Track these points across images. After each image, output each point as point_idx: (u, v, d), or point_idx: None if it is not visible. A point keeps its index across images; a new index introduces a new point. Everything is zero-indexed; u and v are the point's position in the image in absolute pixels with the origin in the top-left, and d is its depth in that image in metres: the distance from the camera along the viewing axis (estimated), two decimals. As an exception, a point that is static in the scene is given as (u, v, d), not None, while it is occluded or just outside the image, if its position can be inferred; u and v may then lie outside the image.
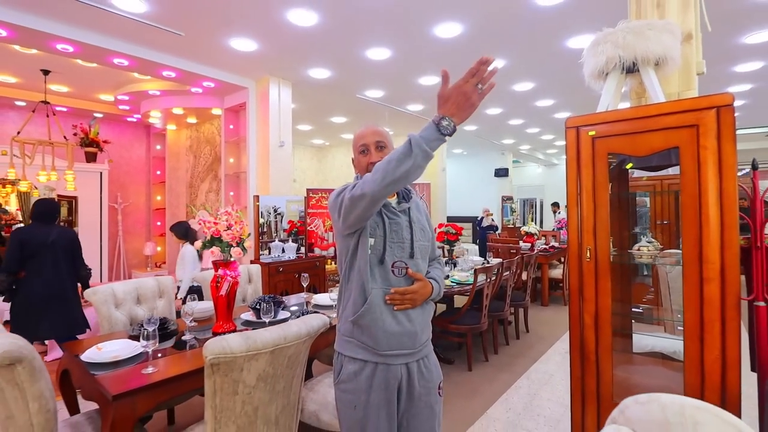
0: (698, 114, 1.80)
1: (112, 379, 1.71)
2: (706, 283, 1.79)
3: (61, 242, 3.18)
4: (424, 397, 1.41)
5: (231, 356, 1.43)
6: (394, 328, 1.35)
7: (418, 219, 1.49)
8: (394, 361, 1.36)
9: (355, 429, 1.37)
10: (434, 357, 1.51)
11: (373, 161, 1.41)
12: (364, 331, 1.36)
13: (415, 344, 1.39)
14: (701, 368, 1.81)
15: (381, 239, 1.37)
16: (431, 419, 1.43)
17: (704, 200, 1.79)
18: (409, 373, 1.39)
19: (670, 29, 2.00)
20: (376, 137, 1.46)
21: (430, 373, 1.45)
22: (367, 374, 1.36)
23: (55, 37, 3.65)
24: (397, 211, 1.44)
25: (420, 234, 1.47)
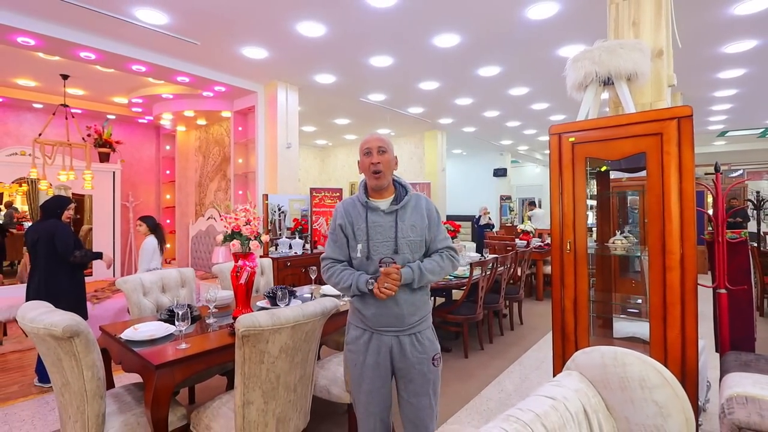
0: (662, 123, 2.06)
1: (152, 354, 1.98)
2: (668, 271, 2.05)
3: (45, 238, 3.19)
4: (417, 365, 1.69)
5: (259, 329, 1.69)
6: (381, 310, 1.67)
7: (409, 218, 1.71)
8: (385, 333, 1.69)
9: (356, 383, 1.74)
10: (430, 333, 1.76)
11: (374, 161, 1.69)
12: (360, 311, 1.72)
13: (402, 323, 1.68)
14: (664, 345, 2.07)
15: (365, 242, 1.68)
16: (425, 384, 1.71)
17: (667, 199, 2.06)
18: (400, 343, 1.69)
19: (639, 48, 2.26)
20: (379, 143, 1.72)
21: (423, 346, 1.71)
22: (365, 340, 1.71)
23: (79, 46, 3.91)
24: (384, 213, 1.70)
25: (408, 231, 1.70)
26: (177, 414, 2.05)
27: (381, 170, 1.69)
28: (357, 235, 1.71)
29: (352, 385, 1.77)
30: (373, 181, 1.71)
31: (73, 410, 1.87)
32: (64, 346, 1.78)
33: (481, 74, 4.89)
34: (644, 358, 1.03)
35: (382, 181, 1.71)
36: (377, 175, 1.70)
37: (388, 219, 1.70)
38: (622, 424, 1.02)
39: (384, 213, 1.70)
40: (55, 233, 3.20)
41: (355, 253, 1.72)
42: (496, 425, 0.83)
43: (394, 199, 1.75)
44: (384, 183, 1.72)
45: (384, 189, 1.74)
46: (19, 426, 2.72)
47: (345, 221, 1.74)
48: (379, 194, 1.75)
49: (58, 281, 3.22)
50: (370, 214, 1.71)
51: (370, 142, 1.72)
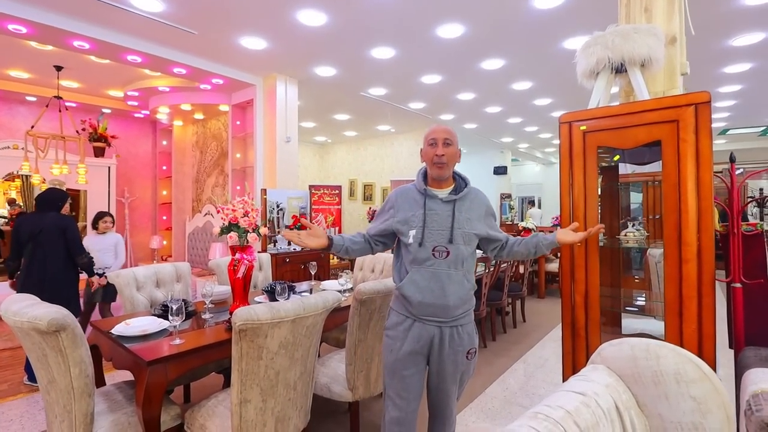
0: (678, 110, 1.98)
1: (144, 349, 1.88)
2: (684, 264, 1.96)
3: (52, 230, 3.14)
4: (452, 356, 1.69)
5: (258, 323, 1.60)
6: (428, 299, 1.64)
7: (467, 209, 1.72)
8: (428, 322, 1.67)
9: (390, 369, 1.73)
10: (471, 327, 1.76)
11: (438, 153, 1.68)
12: (406, 297, 1.68)
13: (447, 314, 1.66)
14: (680, 341, 1.98)
15: (420, 229, 1.67)
16: (454, 373, 1.72)
17: (683, 188, 1.97)
18: (441, 334, 1.67)
19: (654, 33, 2.17)
20: (445, 135, 1.71)
21: (461, 339, 1.70)
22: (405, 327, 1.69)
23: (73, 35, 3.80)
24: (442, 202, 1.70)
25: (464, 222, 1.69)
26: (170, 413, 1.96)
27: (445, 162, 1.70)
28: (411, 221, 1.69)
29: (386, 371, 1.76)
30: (436, 171, 1.71)
31: (59, 409, 1.77)
32: (50, 341, 1.68)
33: (485, 67, 4.80)
34: (679, 351, 0.95)
35: (444, 172, 1.71)
36: (440, 167, 1.70)
37: (446, 208, 1.70)
38: (655, 421, 0.94)
39: (442, 202, 1.70)
40: (67, 228, 3.16)
41: (407, 239, 1.69)
42: (524, 423, 0.74)
43: (453, 190, 1.75)
44: (445, 174, 1.73)
45: (444, 180, 1.74)
46: (6, 426, 2.62)
47: (395, 212, 1.76)
48: (438, 184, 1.75)
49: (63, 276, 3.19)
50: (429, 201, 1.71)
51: (436, 133, 1.71)
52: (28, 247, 3.13)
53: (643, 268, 4.16)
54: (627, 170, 3.52)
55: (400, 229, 1.72)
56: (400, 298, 1.72)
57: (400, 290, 1.70)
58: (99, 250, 3.79)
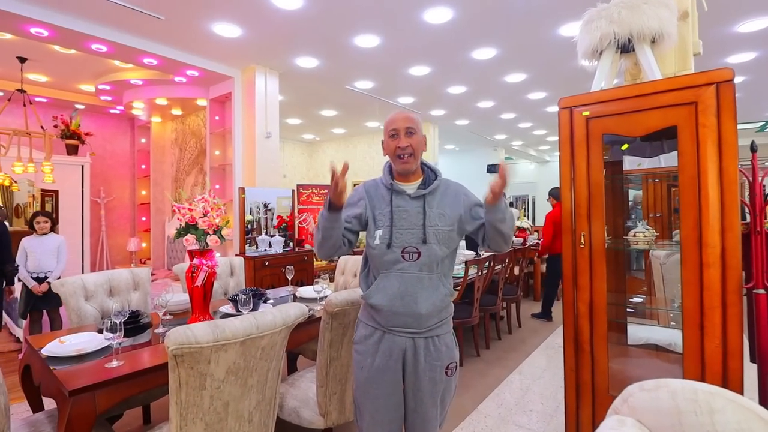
0: (697, 91, 1.71)
1: (70, 374, 1.58)
2: (706, 268, 1.70)
3: None
4: (429, 372, 1.47)
5: (196, 347, 1.30)
6: (397, 308, 1.44)
7: (438, 204, 1.50)
8: (399, 333, 1.47)
9: (362, 389, 1.51)
10: (449, 338, 1.53)
11: (401, 146, 1.47)
12: (373, 306, 1.49)
13: (420, 325, 1.46)
14: (701, 357, 1.72)
15: (388, 228, 1.47)
16: (433, 392, 1.49)
17: (703, 181, 1.71)
18: (415, 346, 1.47)
19: (666, 3, 1.91)
20: (407, 123, 1.49)
21: (439, 353, 1.48)
22: (375, 340, 1.49)
23: (28, 20, 3.48)
24: (410, 198, 1.49)
25: (437, 219, 1.48)
26: (108, 447, 1.66)
27: (410, 153, 1.49)
28: (378, 220, 1.50)
29: (357, 391, 1.55)
30: (400, 164, 1.50)
31: (-35, 449, 1.47)
32: (-53, 369, 1.37)
33: (475, 57, 4.53)
34: (741, 401, 0.67)
35: (409, 166, 1.50)
36: (404, 161, 1.49)
37: (415, 204, 1.49)
38: (710, 502, 0.66)
39: (410, 197, 1.50)
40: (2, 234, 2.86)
41: (373, 240, 1.49)
42: None
43: (422, 183, 1.54)
44: (412, 167, 1.51)
45: (411, 173, 1.53)
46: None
47: (367, 204, 1.54)
48: (405, 178, 1.54)
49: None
50: (396, 197, 1.51)
51: (396, 122, 1.50)
52: None
53: (645, 270, 3.91)
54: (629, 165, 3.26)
55: (369, 230, 1.52)
56: (368, 307, 1.53)
57: (367, 299, 1.50)
58: (39, 252, 3.47)
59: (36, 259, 3.47)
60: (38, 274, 3.48)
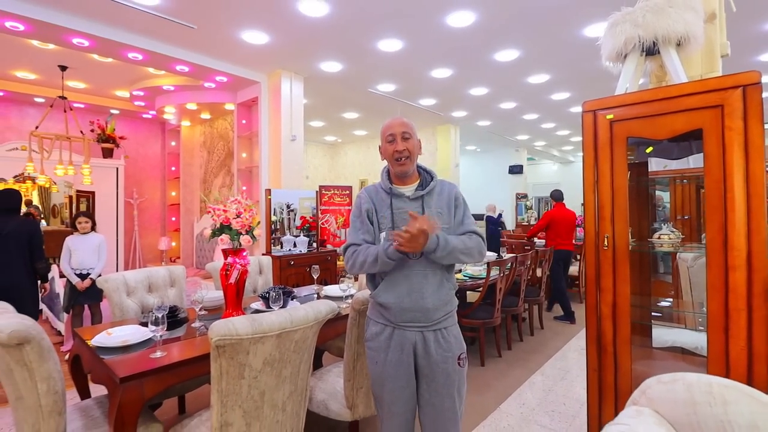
0: (723, 94, 1.72)
1: (120, 363, 1.71)
2: (731, 271, 1.70)
3: (17, 234, 3.10)
4: (441, 364, 1.55)
5: (237, 338, 1.40)
6: (406, 304, 1.53)
7: (436, 204, 1.60)
8: (408, 328, 1.56)
9: (378, 382, 1.61)
10: (456, 330, 1.63)
11: (398, 149, 1.57)
12: (382, 305, 1.57)
13: (428, 319, 1.55)
14: (726, 360, 1.72)
15: (389, 230, 1.56)
16: (449, 385, 1.57)
17: (729, 184, 1.71)
18: (424, 339, 1.55)
19: (692, 6, 1.91)
20: (403, 128, 1.59)
21: (448, 344, 1.57)
22: (386, 336, 1.58)
23: (71, 31, 3.70)
24: (409, 199, 1.60)
25: (436, 218, 1.55)
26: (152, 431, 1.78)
27: (407, 157, 1.59)
28: (381, 223, 1.61)
29: (374, 385, 1.65)
30: (398, 167, 1.60)
31: (28, 428, 1.61)
32: (14, 355, 1.52)
33: (498, 59, 4.55)
34: (755, 395, 0.72)
35: (406, 168, 1.61)
36: (401, 163, 1.60)
37: (414, 206, 1.60)
38: (724, 488, 0.71)
39: (409, 199, 1.61)
40: (33, 234, 3.08)
41: (378, 242, 1.60)
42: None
43: (419, 185, 1.64)
44: (409, 170, 1.62)
45: (408, 176, 1.64)
46: None
47: (371, 206, 1.64)
48: (402, 181, 1.65)
49: (27, 280, 3.16)
50: (395, 200, 1.61)
51: (393, 128, 1.60)
52: None
53: (672, 273, 3.85)
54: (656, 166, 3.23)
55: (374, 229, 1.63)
56: (377, 306, 1.62)
57: (375, 298, 1.60)
58: (82, 250, 3.68)
59: (78, 256, 3.68)
60: (81, 271, 3.69)
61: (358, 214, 1.66)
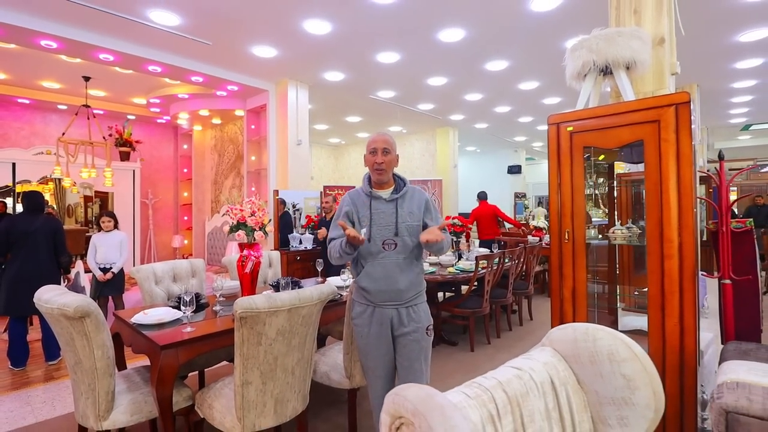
0: (659, 111, 2.05)
1: (159, 336, 2.07)
2: (666, 260, 2.03)
3: (43, 231, 3.52)
4: (413, 333, 1.90)
5: (256, 311, 1.76)
6: (382, 287, 1.88)
7: (407, 205, 1.94)
8: (386, 306, 1.90)
9: (364, 352, 1.95)
10: (425, 306, 1.98)
11: (378, 161, 1.91)
12: (365, 288, 1.92)
13: (401, 298, 1.90)
14: (662, 334, 2.06)
15: (369, 227, 1.90)
16: (418, 352, 1.92)
17: (665, 186, 2.04)
18: (399, 314, 1.91)
19: (638, 35, 2.24)
20: (384, 144, 1.92)
21: (418, 316, 1.93)
22: (368, 313, 1.93)
23: (99, 48, 4.09)
24: (386, 201, 1.93)
25: (407, 216, 1.93)
26: (183, 395, 2.14)
27: (384, 168, 1.92)
28: (362, 220, 1.93)
29: (361, 354, 1.98)
30: (376, 176, 1.94)
31: (84, 387, 1.98)
32: (76, 326, 1.88)
33: (489, 68, 4.88)
34: (615, 333, 1.05)
35: (383, 177, 1.94)
36: (380, 172, 1.93)
37: (389, 206, 1.93)
38: (592, 397, 1.04)
39: (385, 201, 1.93)
40: (57, 231, 3.49)
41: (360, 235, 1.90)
42: (459, 390, 0.87)
43: (394, 190, 1.97)
44: (385, 179, 1.95)
45: (385, 182, 1.97)
46: (40, 407, 2.88)
47: (351, 208, 1.98)
48: (380, 186, 1.98)
49: (53, 272, 3.58)
50: (374, 202, 1.94)
51: (376, 143, 1.93)
52: (16, 246, 3.45)
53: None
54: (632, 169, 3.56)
55: (356, 228, 1.92)
56: (359, 289, 1.95)
57: (358, 283, 1.94)
58: (105, 246, 4.07)
59: (102, 252, 4.07)
60: (104, 265, 4.08)
61: (339, 215, 2.00)
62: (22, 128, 6.43)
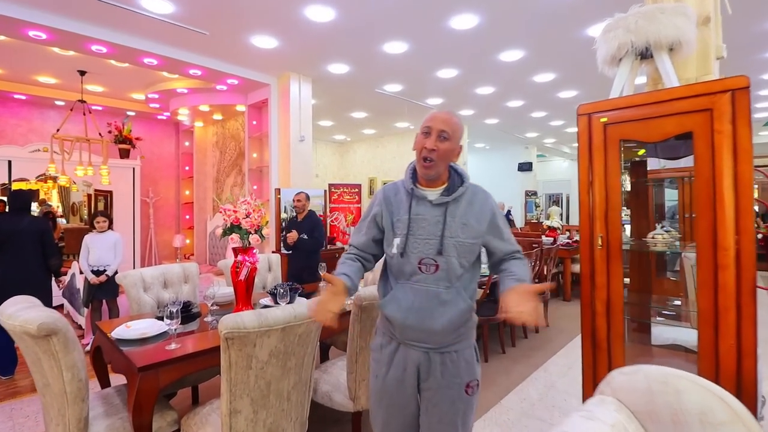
0: (712, 98, 1.76)
1: (138, 354, 1.84)
2: (720, 270, 1.75)
3: (29, 232, 3.29)
4: (446, 390, 1.39)
5: (244, 331, 1.52)
6: (411, 322, 1.37)
7: (462, 214, 1.39)
8: (414, 347, 1.41)
9: (375, 396, 1.49)
10: (470, 354, 1.44)
11: (428, 146, 1.36)
12: (388, 317, 1.44)
13: (435, 341, 1.38)
14: (715, 356, 1.78)
15: (404, 237, 1.39)
16: (452, 414, 1.40)
17: (719, 185, 1.76)
18: (429, 360, 1.39)
19: (683, 12, 1.95)
20: (443, 126, 1.38)
21: (457, 369, 1.40)
22: (390, 350, 1.45)
23: (90, 39, 3.87)
24: (432, 204, 1.40)
25: (458, 230, 1.37)
26: (167, 419, 1.91)
27: (434, 160, 1.37)
28: (396, 228, 1.42)
29: (372, 398, 1.52)
30: (422, 168, 1.40)
31: (54, 412, 1.75)
32: (42, 345, 1.65)
33: (503, 59, 4.59)
34: (705, 384, 0.79)
35: (430, 172, 1.39)
36: (427, 165, 1.38)
37: (436, 212, 1.39)
38: (675, 468, 0.79)
39: (431, 204, 1.40)
40: (45, 231, 3.29)
41: (390, 248, 1.42)
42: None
43: (445, 190, 1.42)
44: (432, 174, 1.40)
45: (435, 178, 1.43)
46: (22, 422, 2.67)
47: (383, 209, 1.47)
48: (427, 182, 1.44)
49: (41, 275, 3.36)
50: (415, 203, 1.41)
51: (433, 120, 1.39)
52: (4, 247, 3.23)
53: (680, 271, 3.87)
54: (660, 165, 3.26)
55: (387, 237, 1.46)
56: (383, 317, 1.48)
57: (382, 308, 1.45)
58: (99, 248, 3.86)
59: (96, 253, 3.86)
60: (98, 267, 3.87)
61: (366, 215, 1.54)
62: (19, 125, 6.25)
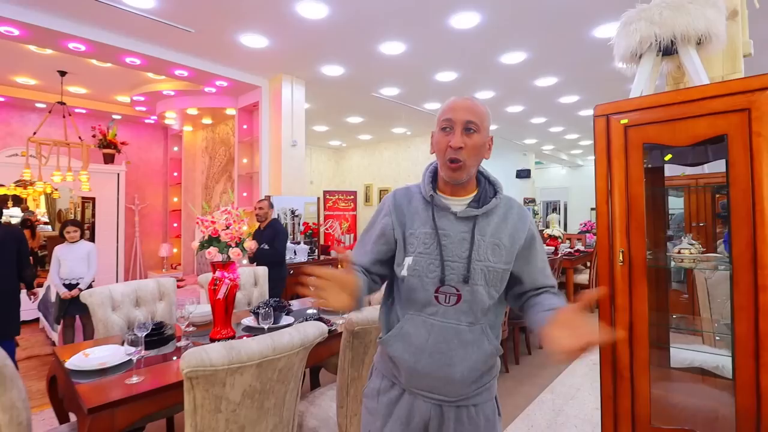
0: (750, 96, 1.56)
1: (92, 389, 1.58)
2: (761, 291, 1.53)
3: (8, 241, 3.06)
4: None
5: (211, 369, 1.27)
6: (424, 367, 1.07)
7: (494, 232, 1.09)
8: (424, 398, 1.10)
9: None
10: (491, 408, 1.16)
11: (454, 145, 1.04)
12: (392, 358, 1.12)
13: (452, 393, 1.08)
14: (756, 390, 1.55)
15: (421, 257, 1.08)
16: None
17: (758, 195, 1.55)
18: (442, 416, 1.09)
19: (713, 2, 1.76)
20: (468, 115, 1.05)
21: (475, 427, 1.10)
22: (391, 398, 1.13)
23: (66, 36, 3.63)
24: (456, 218, 1.09)
25: (489, 251, 1.07)
26: (128, 463, 1.65)
27: (463, 161, 1.06)
28: (409, 244, 1.10)
29: None
30: (448, 172, 1.08)
31: (-9, 461, 1.48)
32: (-26, 383, 1.39)
33: (504, 62, 4.40)
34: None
35: (460, 175, 1.08)
36: (454, 167, 1.06)
37: (461, 228, 1.08)
38: None
39: (456, 218, 1.09)
40: (22, 240, 3.00)
41: (400, 269, 1.10)
42: None
43: (474, 200, 1.12)
44: (464, 177, 1.09)
45: (462, 184, 1.12)
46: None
47: (393, 220, 1.13)
48: (452, 189, 1.12)
49: (15, 287, 3.11)
50: (437, 215, 1.09)
51: (454, 111, 1.06)
52: None
53: (687, 284, 3.65)
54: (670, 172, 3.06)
55: (397, 257, 1.14)
56: (386, 357, 1.16)
57: (385, 346, 1.13)
58: (71, 260, 3.58)
59: (68, 266, 3.59)
60: (70, 281, 3.59)
61: (371, 226, 1.20)
62: (-3, 128, 5.98)
